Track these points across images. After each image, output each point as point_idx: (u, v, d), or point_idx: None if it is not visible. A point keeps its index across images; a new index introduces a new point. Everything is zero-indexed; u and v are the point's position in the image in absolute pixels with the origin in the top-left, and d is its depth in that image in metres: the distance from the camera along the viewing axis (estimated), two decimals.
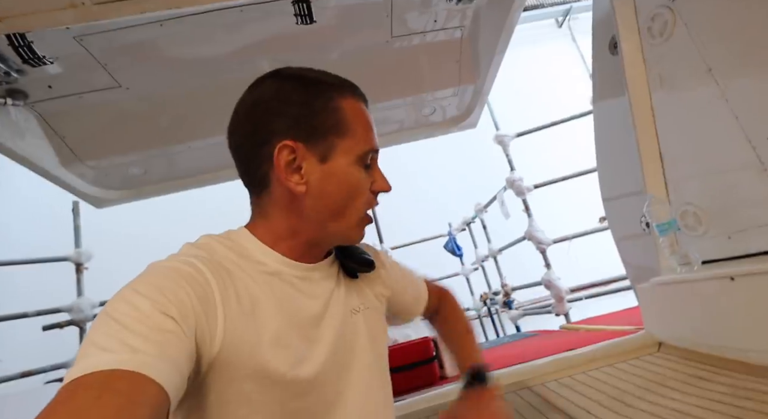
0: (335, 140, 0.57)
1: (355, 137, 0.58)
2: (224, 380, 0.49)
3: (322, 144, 0.56)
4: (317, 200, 0.57)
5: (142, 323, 0.41)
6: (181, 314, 0.44)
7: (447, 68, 1.94)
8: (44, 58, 1.31)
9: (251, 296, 0.53)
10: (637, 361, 1.34)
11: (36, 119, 1.63)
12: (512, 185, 3.60)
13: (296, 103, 0.57)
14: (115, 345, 0.39)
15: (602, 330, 2.09)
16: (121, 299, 0.43)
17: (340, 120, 0.57)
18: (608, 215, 1.78)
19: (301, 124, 0.56)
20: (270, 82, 0.59)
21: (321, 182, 0.57)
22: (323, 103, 0.57)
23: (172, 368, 0.40)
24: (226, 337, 0.48)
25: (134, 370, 0.37)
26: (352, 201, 0.58)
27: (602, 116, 1.71)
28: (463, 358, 0.82)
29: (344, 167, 0.57)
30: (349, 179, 0.58)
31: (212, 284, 0.49)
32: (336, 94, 0.58)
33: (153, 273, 0.47)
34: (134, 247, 5.45)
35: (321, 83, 0.59)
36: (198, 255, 0.52)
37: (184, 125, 1.91)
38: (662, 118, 1.36)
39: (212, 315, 0.48)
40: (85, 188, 2.07)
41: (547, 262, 3.40)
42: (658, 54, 1.33)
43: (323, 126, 0.56)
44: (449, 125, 2.39)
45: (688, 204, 1.28)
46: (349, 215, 0.59)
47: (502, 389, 1.37)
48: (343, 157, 0.57)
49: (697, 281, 1.19)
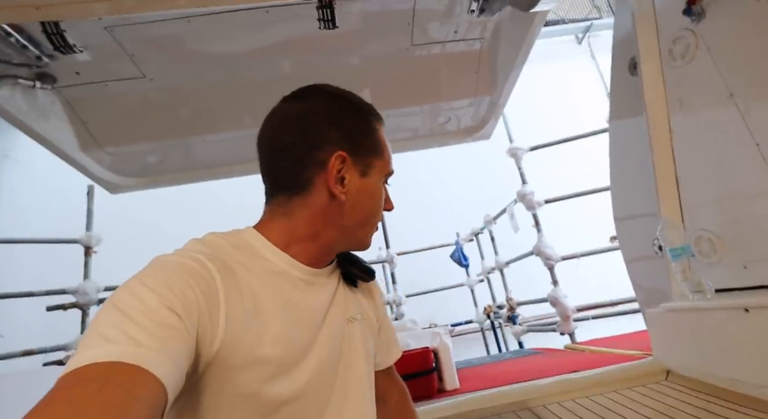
0: (374, 159, 0.64)
1: (384, 159, 0.66)
2: (220, 380, 0.49)
3: (364, 161, 0.63)
4: (352, 208, 0.63)
5: (147, 317, 0.41)
6: (186, 310, 0.44)
7: (464, 79, 1.95)
8: (75, 46, 1.34)
9: (254, 296, 0.53)
10: (643, 389, 1.31)
11: (61, 103, 1.66)
12: (523, 199, 3.58)
13: (350, 120, 0.64)
14: (120, 337, 0.39)
15: (608, 353, 2.06)
16: (128, 291, 0.44)
17: (378, 142, 0.65)
18: (619, 236, 1.76)
19: (352, 139, 0.63)
20: (320, 96, 0.65)
21: (358, 193, 0.63)
22: (368, 125, 0.65)
23: (173, 365, 0.40)
24: (227, 337, 0.48)
25: (136, 364, 0.37)
26: (376, 213, 0.66)
27: (618, 135, 1.69)
28: None
29: (376, 184, 0.65)
30: (378, 194, 0.66)
31: (218, 282, 0.50)
32: (374, 119, 0.67)
33: (161, 267, 0.48)
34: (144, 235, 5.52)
35: (364, 107, 0.67)
36: (204, 252, 0.52)
37: (203, 119, 1.94)
38: (680, 140, 1.34)
39: (215, 314, 0.48)
40: (101, 173, 2.11)
41: (554, 279, 3.36)
42: (678, 77, 1.31)
43: (368, 145, 0.64)
44: (463, 135, 2.39)
45: (703, 230, 1.26)
46: (371, 225, 0.67)
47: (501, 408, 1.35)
48: (377, 175, 0.65)
49: (710, 310, 1.17)
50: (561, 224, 4.19)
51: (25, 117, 1.59)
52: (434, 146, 2.45)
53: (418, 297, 4.78)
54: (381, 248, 4.41)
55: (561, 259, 3.38)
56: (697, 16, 1.20)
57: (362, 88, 1.88)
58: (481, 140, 2.41)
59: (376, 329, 0.75)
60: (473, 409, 1.38)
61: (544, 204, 3.54)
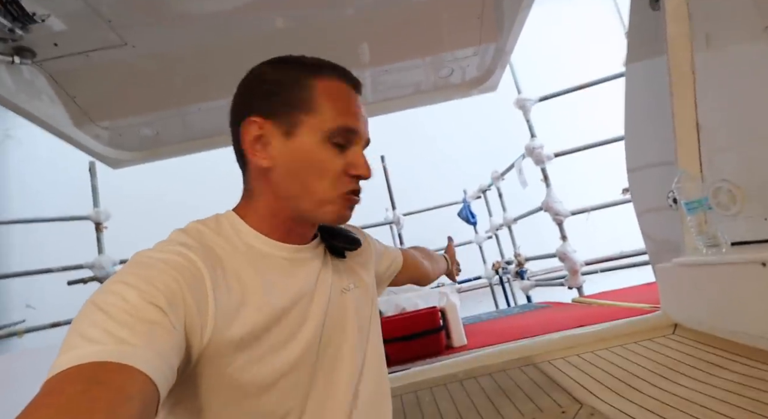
0: (301, 116, 0.56)
1: (323, 114, 0.57)
2: (215, 367, 0.48)
3: (287, 120, 0.56)
4: (283, 176, 0.57)
5: (128, 313, 0.40)
6: (170, 304, 0.43)
7: (467, 25, 1.82)
8: (34, 15, 1.26)
9: (241, 283, 0.53)
10: (649, 343, 1.31)
11: (46, 78, 1.60)
12: (531, 153, 3.47)
13: (269, 81, 0.58)
14: (102, 336, 0.38)
15: (616, 306, 2.06)
16: (108, 290, 0.42)
17: (309, 97, 0.57)
18: (632, 187, 1.70)
19: (270, 100, 0.57)
20: (258, 66, 0.61)
21: (285, 157, 0.57)
22: (293, 80, 0.58)
23: (160, 359, 0.39)
24: (217, 326, 0.48)
25: (122, 362, 0.36)
26: (317, 180, 0.57)
27: (635, 79, 1.59)
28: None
29: (309, 145, 0.56)
30: (313, 156, 0.57)
31: (204, 273, 0.49)
32: (308, 73, 0.58)
33: (141, 264, 0.46)
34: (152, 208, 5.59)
35: (297, 63, 0.60)
36: (187, 243, 0.51)
37: (195, 86, 1.86)
38: (704, 82, 1.24)
39: (203, 305, 0.47)
40: (100, 149, 2.08)
41: (563, 234, 3.33)
42: (706, 8, 1.19)
43: (290, 101, 0.57)
44: (468, 88, 2.28)
45: (723, 181, 1.19)
46: (316, 194, 0.57)
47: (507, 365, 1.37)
48: (309, 133, 0.56)
49: (724, 265, 1.13)
50: (571, 178, 4.10)
51: (13, 96, 1.55)
52: (438, 101, 2.36)
53: None
54: (387, 209, 4.40)
55: (570, 214, 3.33)
56: None
57: (359, 42, 1.77)
58: (488, 92, 2.31)
59: (374, 289, 0.74)
60: (479, 365, 1.41)
61: (553, 158, 3.45)
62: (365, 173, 0.59)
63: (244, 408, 0.51)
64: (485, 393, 1.23)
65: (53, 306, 3.92)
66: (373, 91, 2.27)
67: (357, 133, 0.59)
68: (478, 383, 1.31)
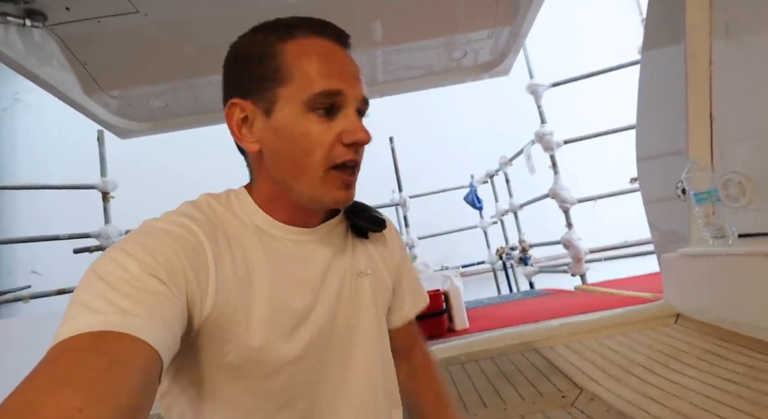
0: (277, 90, 0.50)
1: (298, 81, 0.50)
2: (215, 342, 0.48)
3: (264, 97, 0.51)
4: (273, 158, 0.53)
5: (129, 284, 0.40)
6: (170, 275, 0.43)
7: (482, 7, 1.79)
8: None
9: (246, 259, 0.52)
10: (651, 331, 1.32)
11: (57, 43, 1.59)
12: (541, 139, 3.44)
13: (242, 57, 0.53)
14: (104, 306, 0.38)
15: (618, 295, 2.07)
16: (110, 259, 0.42)
17: (279, 66, 0.50)
18: (641, 176, 1.69)
19: (246, 77, 0.52)
20: (234, 42, 0.55)
21: (270, 137, 0.52)
22: (263, 50, 0.51)
23: (163, 328, 0.39)
24: (218, 300, 0.47)
25: (123, 331, 0.36)
26: (307, 155, 0.51)
27: (651, 67, 1.56)
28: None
29: (290, 118, 0.51)
30: (296, 131, 0.51)
31: (205, 246, 0.48)
32: (279, 37, 0.52)
33: (143, 234, 0.46)
34: (159, 179, 5.61)
35: (269, 28, 0.53)
36: (193, 216, 0.50)
37: (208, 57, 1.84)
38: (721, 72, 1.22)
39: (203, 277, 0.47)
40: (109, 118, 2.08)
41: (569, 221, 3.33)
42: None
43: (263, 77, 0.51)
44: (480, 71, 2.25)
45: (733, 172, 1.18)
46: (309, 173, 0.52)
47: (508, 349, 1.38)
48: (287, 107, 0.50)
49: (730, 256, 1.13)
50: (580, 165, 4.07)
51: (23, 60, 1.55)
52: (450, 84, 2.34)
53: (430, 239, 4.83)
54: (394, 191, 4.39)
55: (577, 201, 3.32)
56: None
57: (371, 20, 1.74)
58: (500, 75, 2.28)
59: (389, 283, 0.67)
60: (481, 349, 1.42)
61: (562, 145, 3.41)
62: (362, 137, 0.52)
63: (245, 387, 0.51)
64: (486, 376, 1.25)
65: (59, 273, 3.99)
66: (384, 70, 2.24)
67: (342, 94, 0.51)
68: (479, 366, 1.33)
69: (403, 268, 0.71)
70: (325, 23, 0.54)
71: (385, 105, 2.99)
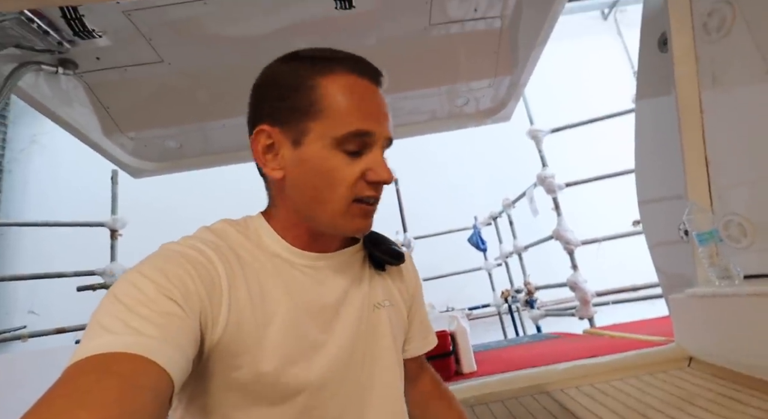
0: (309, 123, 0.52)
1: (331, 119, 0.51)
2: (226, 367, 0.48)
3: (295, 127, 0.52)
4: (295, 187, 0.54)
5: (146, 306, 0.41)
6: (184, 297, 0.44)
7: (484, 59, 1.90)
8: (94, 31, 1.36)
9: (261, 285, 0.52)
10: (664, 375, 1.29)
11: (84, 88, 1.69)
12: (543, 182, 3.51)
13: (276, 84, 0.54)
14: (120, 327, 0.39)
15: (628, 338, 2.03)
16: (128, 282, 0.44)
17: (315, 100, 0.51)
18: (643, 220, 1.71)
19: (277, 106, 0.53)
20: (267, 67, 0.57)
21: (296, 167, 0.53)
22: (300, 81, 0.53)
23: (176, 351, 0.40)
24: (229, 324, 0.48)
25: (137, 353, 0.37)
26: (330, 189, 0.52)
27: (645, 115, 1.63)
28: None
29: (318, 152, 0.51)
30: (323, 165, 0.51)
31: (219, 270, 0.49)
32: (317, 71, 0.53)
33: (160, 257, 0.47)
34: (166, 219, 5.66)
35: (308, 60, 0.54)
36: (209, 240, 0.52)
37: (221, 103, 1.94)
38: (711, 119, 1.28)
39: (216, 301, 0.47)
40: (124, 158, 2.15)
41: (574, 263, 3.31)
42: (712, 51, 1.24)
43: (297, 108, 0.52)
44: (482, 117, 2.34)
45: (733, 214, 1.21)
46: (329, 204, 0.53)
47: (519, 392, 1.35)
48: (317, 141, 0.51)
49: (738, 297, 1.13)
50: (581, 208, 4.10)
51: (50, 103, 1.63)
52: (453, 129, 2.41)
53: (435, 281, 4.79)
54: (398, 232, 4.42)
55: (581, 243, 3.33)
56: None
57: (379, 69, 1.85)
58: (501, 121, 2.36)
59: (405, 316, 0.67)
60: (491, 392, 1.38)
61: (564, 188, 3.47)
62: (386, 178, 0.53)
63: (257, 416, 0.50)
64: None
65: (58, 312, 3.93)
66: (391, 116, 2.34)
67: (372, 135, 0.53)
68: (489, 409, 1.29)
69: (416, 303, 0.71)
70: (362, 61, 0.55)
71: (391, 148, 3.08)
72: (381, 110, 0.54)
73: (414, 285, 0.71)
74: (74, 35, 1.35)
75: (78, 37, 1.36)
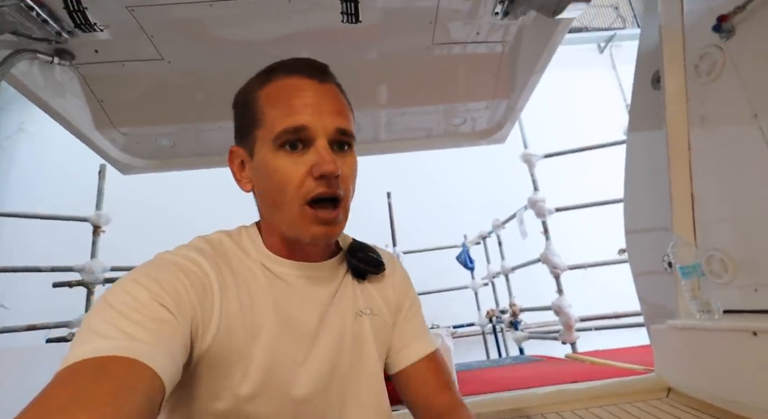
0: (255, 132, 0.56)
1: (269, 122, 0.54)
2: (213, 376, 0.49)
3: (247, 140, 0.57)
4: (259, 196, 0.59)
5: (138, 312, 0.42)
6: (176, 305, 0.45)
7: (483, 81, 1.93)
8: (95, 25, 1.35)
9: (251, 296, 0.53)
10: (643, 404, 1.29)
11: (78, 80, 1.67)
12: (534, 206, 3.55)
13: (236, 106, 0.60)
14: (113, 332, 0.39)
15: (609, 366, 2.03)
16: (121, 288, 0.44)
17: (255, 111, 0.56)
18: (629, 248, 1.73)
19: (238, 126, 0.59)
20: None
21: (255, 178, 0.57)
22: (247, 97, 0.58)
23: (167, 356, 0.41)
24: (220, 332, 0.48)
25: (130, 357, 0.38)
26: (281, 192, 0.53)
27: (636, 148, 1.67)
28: None
29: (264, 157, 0.54)
30: (270, 168, 0.53)
31: (211, 279, 0.50)
32: (260, 83, 0.57)
33: (153, 265, 0.49)
34: (152, 218, 5.58)
35: (254, 78, 0.60)
36: (203, 250, 0.53)
37: (219, 105, 1.90)
38: (699, 158, 1.31)
39: (208, 309, 0.48)
40: (114, 153, 2.12)
41: (559, 287, 3.33)
42: (702, 93, 1.29)
43: (247, 122, 0.57)
44: (478, 138, 2.37)
45: (715, 250, 1.23)
46: (284, 208, 0.53)
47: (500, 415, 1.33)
48: (262, 147, 0.55)
49: (717, 331, 1.14)
50: (570, 233, 4.15)
51: (42, 92, 1.61)
52: (448, 147, 2.44)
53: (421, 297, 4.73)
54: (388, 245, 4.41)
55: (568, 268, 3.35)
56: (727, 34, 1.17)
57: (379, 84, 1.87)
58: (496, 143, 2.39)
59: (391, 325, 0.67)
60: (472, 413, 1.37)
61: (554, 212, 3.51)
62: (328, 169, 0.51)
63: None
64: None
65: (30, 308, 3.81)
66: (387, 130, 2.36)
67: (307, 128, 0.52)
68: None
69: (405, 307, 0.70)
70: (300, 60, 0.56)
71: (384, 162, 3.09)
72: (318, 102, 0.54)
73: (402, 292, 0.70)
74: (75, 27, 1.34)
75: (79, 29, 1.34)
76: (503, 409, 1.36)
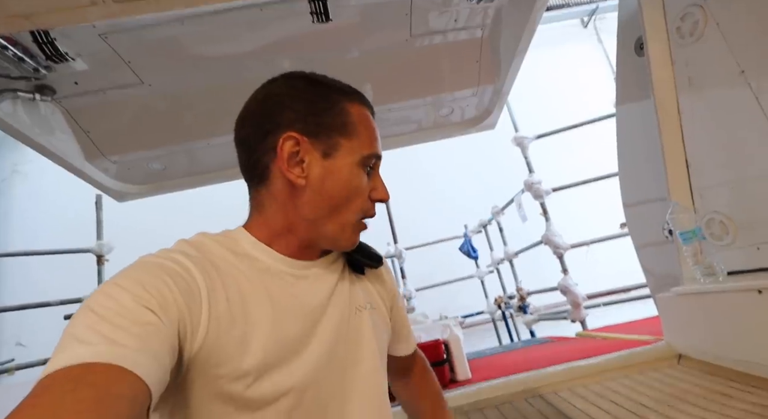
0: (340, 139, 0.58)
1: (360, 139, 0.59)
2: (205, 377, 0.48)
3: (326, 141, 0.57)
4: (315, 195, 0.57)
5: (121, 316, 0.40)
6: (162, 307, 0.43)
7: (467, 68, 1.92)
8: (66, 54, 1.34)
9: (242, 296, 0.52)
10: (655, 373, 1.30)
11: (62, 114, 1.67)
12: (530, 188, 3.54)
13: (305, 100, 0.59)
14: (94, 338, 0.38)
15: (619, 339, 2.04)
16: (102, 293, 0.43)
17: (346, 122, 0.59)
18: (629, 222, 1.73)
19: (308, 119, 0.57)
20: (282, 81, 0.61)
21: (321, 177, 0.57)
22: (331, 104, 0.59)
23: (153, 360, 0.39)
24: (209, 335, 0.48)
25: (111, 363, 0.37)
26: (349, 202, 0.58)
27: (625, 120, 1.66)
28: None
29: (346, 166, 0.58)
30: (349, 178, 0.58)
31: (198, 281, 0.49)
32: (343, 98, 0.60)
33: (137, 268, 0.47)
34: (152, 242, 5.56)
35: (330, 86, 0.61)
36: (187, 252, 0.52)
37: (205, 122, 1.93)
38: (689, 121, 1.31)
39: (196, 311, 0.47)
40: (107, 182, 2.12)
41: (564, 267, 3.33)
42: (687, 55, 1.28)
43: (329, 124, 0.58)
44: (467, 126, 2.36)
45: (714, 212, 1.23)
46: (344, 215, 0.59)
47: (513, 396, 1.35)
48: (346, 156, 0.58)
49: (722, 293, 1.14)
50: (570, 212, 4.15)
51: (29, 131, 1.60)
52: (438, 139, 2.43)
53: (428, 291, 4.78)
54: (389, 243, 4.41)
55: (570, 247, 3.36)
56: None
57: (363, 82, 1.86)
58: (486, 129, 2.38)
59: (387, 318, 0.71)
60: (485, 398, 1.38)
61: (551, 193, 3.51)
62: (386, 197, 0.62)
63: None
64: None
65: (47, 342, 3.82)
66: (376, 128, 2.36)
67: (379, 159, 0.62)
68: (484, 415, 1.29)
69: (396, 305, 0.75)
70: (365, 96, 0.64)
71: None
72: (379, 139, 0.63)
73: (392, 288, 0.75)
74: (47, 60, 1.33)
75: (51, 60, 1.34)
76: (516, 391, 1.37)
